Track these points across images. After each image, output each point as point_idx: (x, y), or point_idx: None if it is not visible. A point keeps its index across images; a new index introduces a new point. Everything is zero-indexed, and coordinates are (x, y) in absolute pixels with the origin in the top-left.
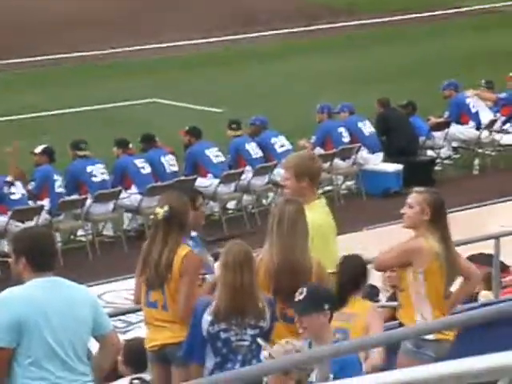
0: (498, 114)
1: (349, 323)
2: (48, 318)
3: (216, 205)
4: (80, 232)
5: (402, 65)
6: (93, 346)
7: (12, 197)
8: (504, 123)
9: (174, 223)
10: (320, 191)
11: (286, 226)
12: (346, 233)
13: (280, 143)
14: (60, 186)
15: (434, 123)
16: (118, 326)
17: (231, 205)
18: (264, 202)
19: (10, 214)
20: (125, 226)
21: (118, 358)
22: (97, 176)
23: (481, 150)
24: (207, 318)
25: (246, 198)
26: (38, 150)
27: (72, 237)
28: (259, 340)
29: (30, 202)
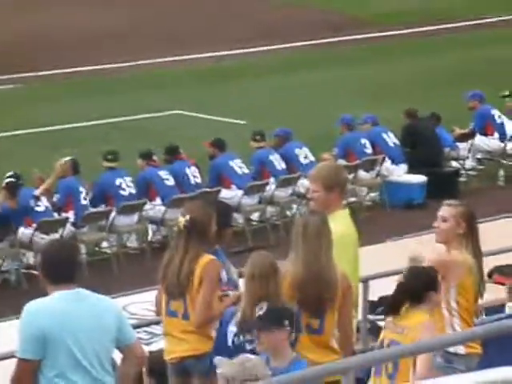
0: None
1: (402, 336)
2: (72, 329)
3: (240, 216)
4: (105, 244)
5: (426, 76)
6: (117, 357)
7: (37, 209)
8: None
9: (195, 233)
10: (344, 202)
11: (311, 237)
12: (370, 244)
13: (304, 154)
14: (85, 198)
15: (458, 134)
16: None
17: (255, 216)
18: (288, 213)
19: (35, 226)
20: (149, 238)
21: (143, 369)
22: (125, 190)
23: (505, 162)
24: (233, 328)
25: (269, 209)
26: (62, 162)
27: (97, 248)
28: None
29: (55, 215)
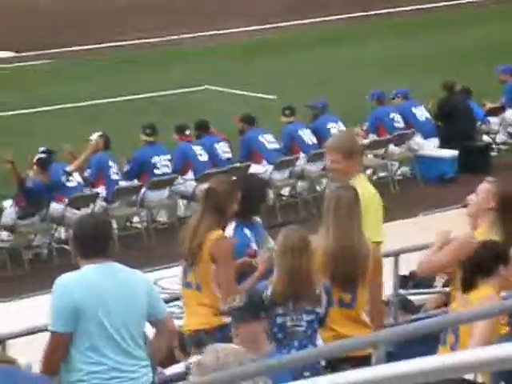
0: None
1: (464, 308)
2: (104, 302)
3: (270, 191)
4: (136, 219)
5: (457, 50)
6: (149, 331)
7: (68, 184)
8: None
9: (211, 204)
10: (375, 177)
11: (343, 211)
12: (402, 218)
13: (337, 129)
14: (116, 173)
15: (489, 108)
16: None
17: (285, 191)
18: (318, 188)
19: (66, 201)
20: (180, 213)
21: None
22: (159, 168)
23: None
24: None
25: (300, 184)
26: (93, 137)
27: (128, 223)
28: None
29: (86, 190)
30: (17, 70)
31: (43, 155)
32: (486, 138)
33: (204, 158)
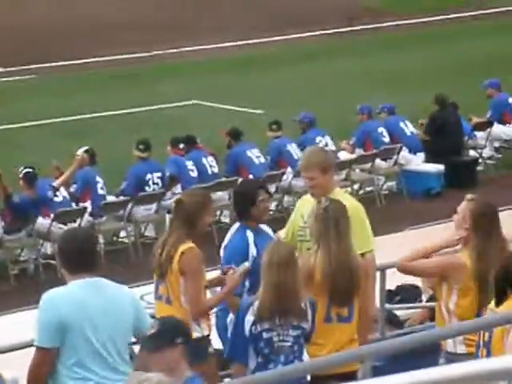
0: None
1: None
2: (90, 318)
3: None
4: (123, 233)
5: (443, 65)
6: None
7: (55, 199)
8: None
9: (180, 217)
10: (361, 192)
11: (342, 228)
12: (388, 233)
13: (324, 143)
14: (102, 188)
15: (476, 123)
16: None
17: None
18: None
19: (52, 216)
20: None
21: None
22: (150, 186)
23: None
24: (250, 318)
25: (286, 199)
26: (79, 152)
27: (115, 238)
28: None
29: (73, 205)
30: (2, 84)
31: (28, 170)
32: (472, 152)
33: (194, 174)
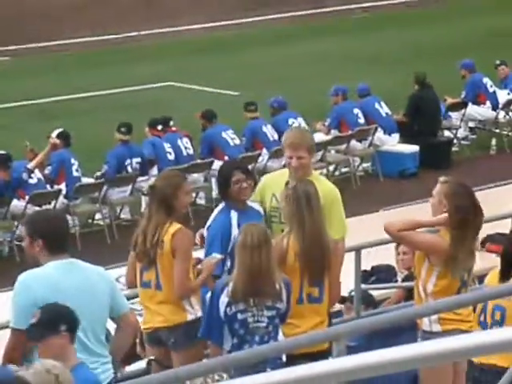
0: None
1: (506, 301)
2: (67, 299)
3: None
4: (98, 216)
5: (418, 45)
6: (111, 328)
7: (29, 181)
8: None
9: (156, 201)
10: (337, 173)
11: (314, 207)
12: (363, 214)
13: (297, 125)
14: (77, 170)
15: (450, 103)
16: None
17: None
18: None
19: (27, 198)
20: (143, 210)
21: (137, 340)
22: (128, 172)
23: (498, 131)
24: (224, 299)
25: None
26: (54, 134)
27: (90, 221)
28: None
29: (48, 187)
30: None
31: (3, 152)
32: (447, 133)
33: (171, 157)
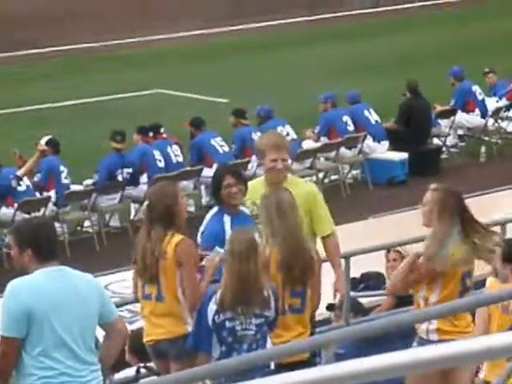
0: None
1: None
2: (57, 307)
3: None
4: (87, 223)
5: (407, 53)
6: (100, 335)
7: (18, 189)
8: (508, 108)
9: (156, 215)
10: (326, 180)
11: (286, 215)
12: (352, 221)
13: (285, 133)
14: (66, 178)
15: (439, 111)
16: (125, 316)
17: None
18: None
19: (16, 205)
20: (131, 217)
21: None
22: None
23: (487, 138)
24: (212, 307)
25: None
26: (42, 141)
27: (79, 228)
28: None
29: (37, 194)
30: None
31: None
32: (436, 141)
33: (161, 164)
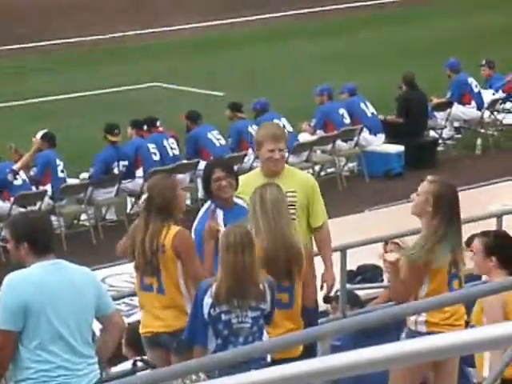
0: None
1: None
2: (54, 300)
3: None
4: (83, 216)
5: (404, 45)
6: (97, 328)
7: (14, 183)
8: (504, 101)
9: (153, 208)
10: (323, 173)
11: (270, 210)
12: (348, 214)
13: (281, 125)
14: (62, 171)
15: (435, 103)
16: (122, 310)
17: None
18: None
19: (12, 199)
20: (128, 210)
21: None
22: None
23: (483, 130)
24: (208, 300)
25: None
26: (38, 135)
27: (75, 221)
28: None
29: (33, 188)
30: None
31: None
32: (432, 133)
33: (156, 158)
